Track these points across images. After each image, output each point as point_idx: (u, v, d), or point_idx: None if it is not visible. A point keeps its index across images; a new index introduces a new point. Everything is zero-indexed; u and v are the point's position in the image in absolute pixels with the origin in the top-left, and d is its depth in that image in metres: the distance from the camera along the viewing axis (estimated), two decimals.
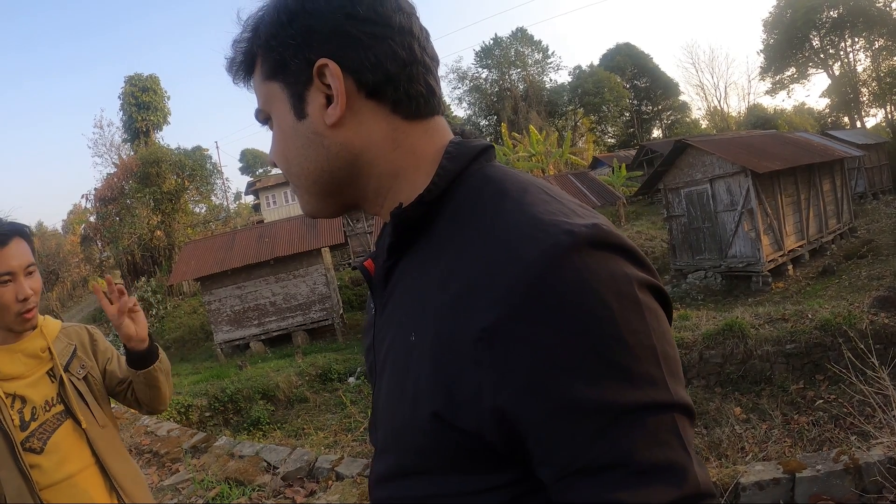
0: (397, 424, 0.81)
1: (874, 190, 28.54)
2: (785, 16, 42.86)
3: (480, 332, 0.68)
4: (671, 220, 18.85)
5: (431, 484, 0.79)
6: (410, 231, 0.84)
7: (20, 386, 2.06)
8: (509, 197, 0.78)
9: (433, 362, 0.74)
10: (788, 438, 6.91)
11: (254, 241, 20.20)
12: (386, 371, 0.86)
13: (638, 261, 0.71)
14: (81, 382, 2.18)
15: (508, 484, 0.74)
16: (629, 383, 0.65)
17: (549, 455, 0.67)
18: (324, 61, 0.82)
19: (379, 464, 0.90)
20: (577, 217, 0.73)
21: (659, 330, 0.68)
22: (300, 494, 4.84)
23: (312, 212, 0.95)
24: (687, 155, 17.81)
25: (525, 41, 60.69)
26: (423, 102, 0.86)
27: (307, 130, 0.86)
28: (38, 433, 2.05)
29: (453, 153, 0.86)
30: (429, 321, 0.76)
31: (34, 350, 2.12)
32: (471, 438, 0.72)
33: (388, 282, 0.90)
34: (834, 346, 8.14)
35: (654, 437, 0.64)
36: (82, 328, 2.35)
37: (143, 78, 42.04)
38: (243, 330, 19.45)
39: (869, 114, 44.63)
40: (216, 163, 38.59)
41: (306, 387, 12.61)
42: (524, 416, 0.67)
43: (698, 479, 0.65)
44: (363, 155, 0.86)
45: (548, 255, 0.67)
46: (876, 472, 3.37)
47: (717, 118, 54.52)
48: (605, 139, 60.97)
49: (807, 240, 17.79)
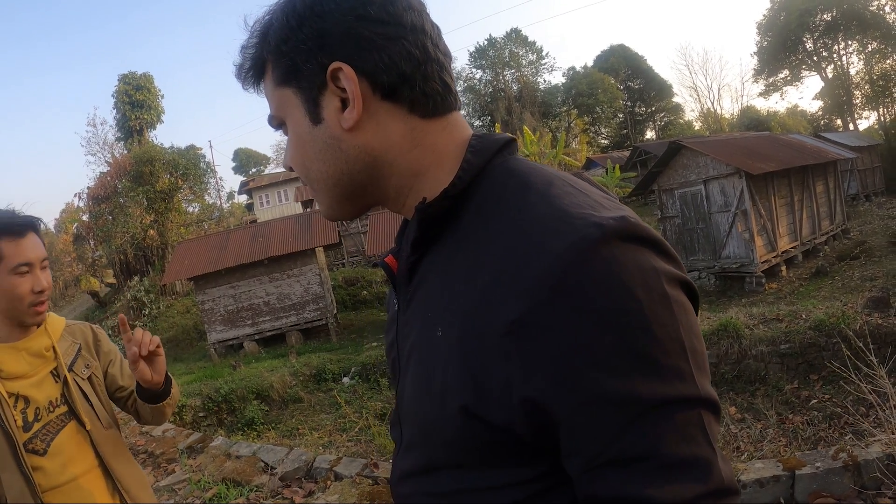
0: (425, 419, 0.81)
1: (867, 192, 28.68)
2: (779, 18, 43.01)
3: (509, 325, 0.68)
4: (665, 220, 18.89)
5: (459, 478, 0.79)
6: (435, 226, 0.84)
7: (24, 385, 2.03)
8: (534, 190, 0.77)
9: (461, 356, 0.74)
10: (783, 437, 6.94)
11: (247, 241, 20.13)
12: (411, 367, 0.86)
13: (666, 253, 0.71)
14: (86, 383, 2.16)
15: (536, 478, 0.74)
16: (657, 377, 0.65)
17: (577, 446, 0.68)
18: (337, 65, 0.81)
19: (404, 460, 0.90)
20: (604, 209, 0.73)
21: (687, 324, 0.68)
22: (298, 495, 4.82)
23: (333, 215, 0.94)
24: (681, 156, 17.85)
25: (519, 42, 60.73)
26: (440, 100, 0.86)
27: (324, 135, 0.85)
28: (42, 434, 2.03)
29: (477, 147, 0.85)
30: (456, 315, 0.76)
31: (38, 349, 2.08)
32: (500, 432, 0.72)
33: (411, 277, 0.89)
34: (828, 346, 8.18)
35: (681, 432, 0.65)
36: (87, 326, 2.31)
37: (136, 76, 41.90)
38: (237, 330, 19.40)
39: (862, 116, 44.90)
40: (210, 162, 38.52)
41: (300, 387, 12.58)
42: (553, 408, 0.67)
43: (723, 475, 0.66)
44: (383, 156, 0.85)
45: (576, 247, 0.67)
46: (875, 468, 3.39)
47: (711, 120, 54.73)
48: (598, 140, 61.08)
49: (800, 241, 17.86)
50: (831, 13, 39.87)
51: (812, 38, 42.32)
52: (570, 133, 54.23)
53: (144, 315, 25.47)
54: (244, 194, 53.64)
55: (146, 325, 24.40)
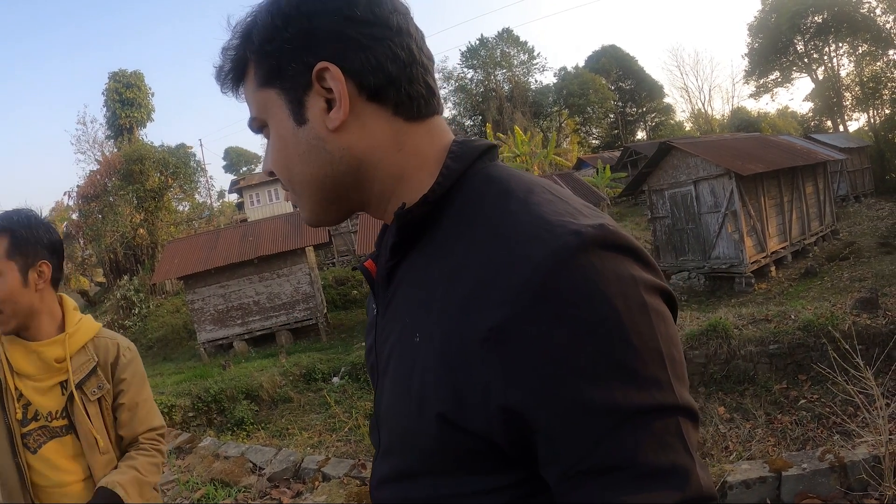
0: (402, 426, 0.81)
1: (856, 193, 28.86)
2: (770, 20, 43.15)
3: (488, 332, 0.68)
4: (655, 221, 18.94)
5: (437, 485, 0.78)
6: (414, 231, 0.83)
7: (28, 387, 1.99)
8: (514, 196, 0.77)
9: (439, 363, 0.73)
10: (772, 437, 6.97)
11: (237, 240, 20.07)
12: (389, 372, 0.85)
13: (644, 262, 0.71)
14: (94, 405, 2.05)
15: (513, 485, 0.74)
16: (635, 386, 0.65)
17: (555, 455, 0.67)
18: (324, 65, 0.80)
19: (382, 465, 0.90)
20: (583, 217, 0.73)
21: (665, 333, 0.68)
22: (286, 495, 4.82)
23: (316, 220, 0.93)
24: (671, 157, 17.91)
25: (511, 42, 60.77)
26: (424, 103, 0.86)
27: (308, 136, 0.84)
28: (35, 435, 1.99)
29: (457, 153, 0.85)
30: (434, 321, 0.75)
31: (49, 358, 2.01)
32: (478, 440, 0.72)
33: (390, 282, 0.89)
34: (817, 347, 8.23)
35: (659, 440, 0.65)
36: (114, 344, 2.18)
37: (127, 74, 41.73)
38: (227, 329, 19.33)
39: (852, 118, 45.11)
40: (200, 161, 38.46)
41: (290, 387, 12.55)
42: (531, 417, 0.67)
43: (701, 482, 0.66)
44: (367, 158, 0.85)
45: (556, 255, 0.67)
46: (861, 470, 3.41)
47: (702, 121, 54.91)
48: (589, 140, 61.19)
49: (789, 241, 17.94)
50: (822, 15, 40.02)
51: (803, 39, 42.47)
52: (561, 133, 54.32)
53: (134, 314, 25.34)
54: (234, 193, 53.44)
55: (136, 325, 24.31)
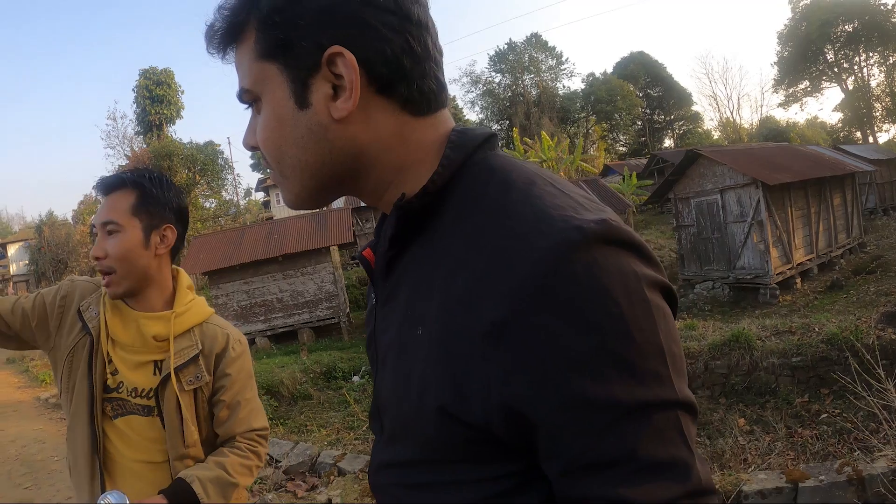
0: (403, 416, 0.81)
1: (885, 206, 28.38)
2: (800, 28, 42.72)
3: (489, 326, 0.68)
4: (680, 229, 18.80)
5: (436, 472, 0.79)
6: (413, 222, 0.81)
7: (118, 357, 1.87)
8: (516, 188, 0.76)
9: (440, 356, 0.73)
10: (791, 451, 6.87)
11: (263, 238, 20.23)
12: (389, 362, 0.85)
13: (646, 257, 0.71)
14: (187, 395, 1.90)
15: (512, 474, 0.74)
16: (636, 381, 0.65)
17: (556, 450, 0.67)
18: (338, 49, 0.76)
19: (383, 452, 0.90)
20: (585, 211, 0.72)
21: (666, 328, 0.68)
22: (301, 489, 4.85)
23: (300, 204, 0.89)
24: (698, 165, 17.76)
25: (539, 47, 60.71)
26: (433, 98, 0.83)
27: (309, 122, 0.80)
28: (115, 405, 1.87)
29: (456, 142, 0.83)
30: (436, 314, 0.75)
31: (148, 333, 1.87)
32: (478, 432, 0.72)
33: (389, 272, 0.87)
34: (840, 361, 8.10)
35: (659, 435, 0.65)
36: (224, 334, 2.01)
37: (157, 71, 42.26)
38: (249, 325, 19.45)
39: (882, 129, 44.56)
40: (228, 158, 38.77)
41: (310, 384, 12.62)
42: (532, 411, 0.67)
43: (700, 476, 0.66)
44: (368, 151, 0.82)
45: (558, 250, 0.66)
46: (879, 484, 3.36)
47: (730, 129, 54.48)
48: (616, 147, 60.93)
49: (816, 253, 17.71)
50: (853, 24, 39.55)
51: (833, 48, 42.02)
52: (588, 139, 54.07)
53: None
54: (261, 192, 53.92)
55: None
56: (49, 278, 38.05)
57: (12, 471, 7.41)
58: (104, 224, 1.82)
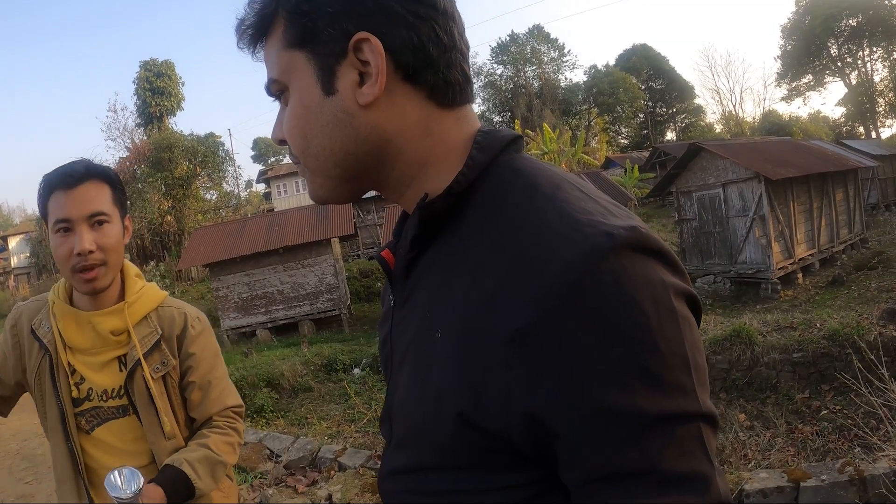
0: (418, 421, 0.80)
1: (887, 201, 28.32)
2: (804, 22, 42.61)
3: (513, 333, 0.67)
4: (682, 223, 18.77)
5: (450, 480, 0.77)
6: (436, 223, 0.81)
7: (81, 363, 1.83)
8: (541, 192, 0.75)
9: (460, 361, 0.72)
10: (792, 447, 6.89)
11: (263, 229, 20.22)
12: (405, 366, 0.84)
13: (674, 266, 0.70)
14: (157, 383, 1.86)
15: (528, 483, 0.73)
16: (660, 392, 0.64)
17: (576, 460, 0.67)
18: (364, 35, 0.76)
19: (393, 458, 0.89)
20: (613, 218, 0.71)
21: (691, 339, 0.68)
22: (302, 483, 4.86)
23: (325, 197, 0.89)
24: (700, 158, 17.72)
25: (541, 39, 60.57)
26: (459, 90, 0.83)
27: (336, 108, 0.80)
28: (88, 416, 1.84)
29: (482, 143, 0.82)
30: (456, 319, 0.74)
31: (105, 330, 1.82)
32: (495, 439, 0.71)
33: (409, 274, 0.86)
34: (841, 357, 8.10)
35: (681, 447, 0.64)
36: (181, 314, 1.97)
37: (158, 63, 42.18)
38: (250, 317, 19.49)
39: (885, 124, 44.48)
40: (228, 150, 38.76)
41: (311, 376, 12.62)
42: (554, 420, 0.66)
43: (720, 490, 0.65)
44: (393, 141, 0.81)
45: (586, 257, 0.65)
46: (881, 484, 3.36)
47: (732, 123, 54.43)
48: (618, 140, 60.91)
49: (817, 249, 17.69)
50: (857, 19, 39.46)
51: (836, 43, 41.93)
52: (589, 132, 54.08)
53: None
54: (262, 183, 53.86)
55: None
56: (50, 271, 38.05)
57: (13, 465, 7.41)
58: (92, 216, 1.75)
